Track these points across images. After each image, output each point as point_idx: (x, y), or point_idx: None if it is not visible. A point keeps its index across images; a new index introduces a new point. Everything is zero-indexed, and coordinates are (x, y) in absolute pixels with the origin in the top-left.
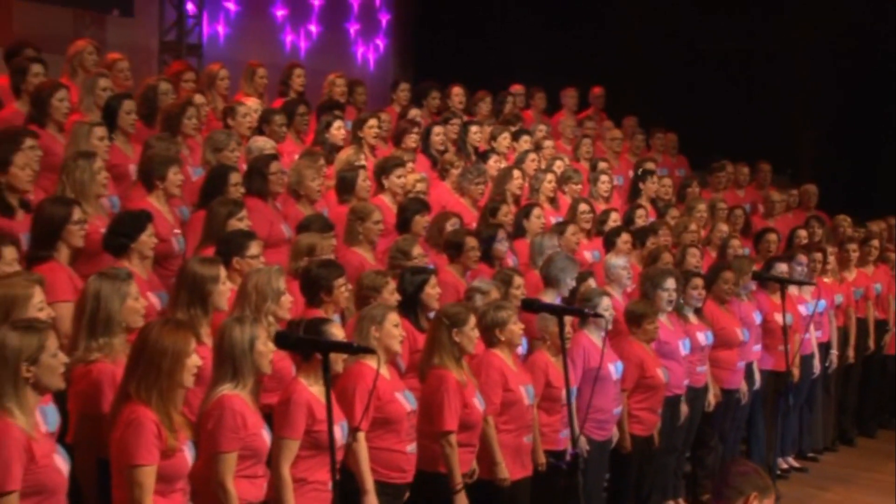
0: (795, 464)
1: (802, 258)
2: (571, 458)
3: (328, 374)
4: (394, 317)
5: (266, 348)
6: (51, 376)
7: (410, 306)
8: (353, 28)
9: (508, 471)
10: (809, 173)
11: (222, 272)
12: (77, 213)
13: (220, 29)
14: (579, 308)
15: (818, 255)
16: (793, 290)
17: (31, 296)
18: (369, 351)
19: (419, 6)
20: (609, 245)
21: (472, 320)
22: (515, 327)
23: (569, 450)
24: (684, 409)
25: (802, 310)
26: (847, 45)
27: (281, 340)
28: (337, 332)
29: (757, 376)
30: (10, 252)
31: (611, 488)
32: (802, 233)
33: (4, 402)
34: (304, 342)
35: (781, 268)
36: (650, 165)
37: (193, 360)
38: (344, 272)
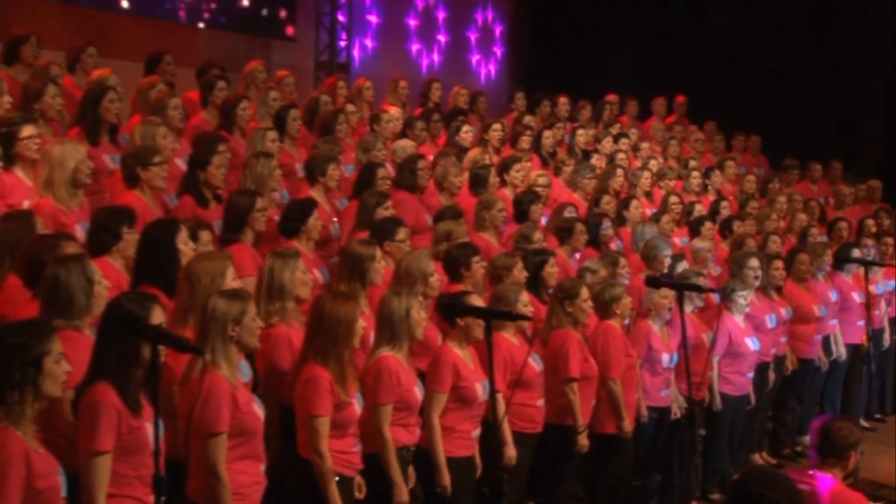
0: (865, 424)
1: (870, 243)
2: (687, 413)
3: (490, 336)
4: (525, 296)
5: (419, 317)
6: (250, 337)
7: (533, 283)
8: (474, 57)
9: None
10: (874, 171)
11: (378, 252)
12: (259, 203)
13: (363, 51)
14: (697, 284)
15: (889, 241)
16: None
17: (227, 269)
18: (525, 317)
19: (529, 29)
20: (694, 232)
21: (584, 293)
22: (626, 301)
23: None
24: (772, 375)
25: (873, 289)
26: None
27: (445, 309)
28: (478, 303)
29: (842, 349)
30: (205, 235)
31: (705, 441)
32: (871, 222)
33: (215, 357)
34: (471, 310)
35: (855, 252)
36: (730, 164)
37: (360, 325)
38: (479, 251)
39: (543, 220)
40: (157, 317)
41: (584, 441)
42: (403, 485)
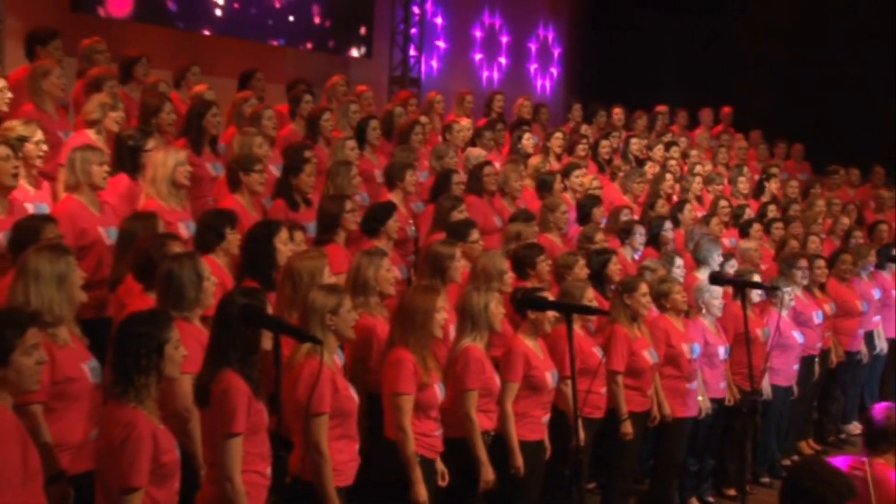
0: None
1: None
2: (751, 403)
3: (571, 330)
4: (590, 292)
5: (497, 311)
6: (346, 327)
7: (597, 280)
8: (532, 71)
9: (671, 410)
10: None
11: (457, 251)
12: (349, 206)
13: (432, 67)
14: (761, 282)
15: None
16: None
17: (325, 266)
18: (605, 313)
19: (584, 44)
20: (743, 233)
21: (643, 288)
22: (679, 297)
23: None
24: (817, 367)
25: None
26: None
27: (533, 303)
28: (549, 297)
29: (884, 343)
30: (299, 235)
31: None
32: None
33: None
34: (552, 305)
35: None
36: (774, 170)
37: (441, 315)
38: (544, 251)
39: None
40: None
41: (627, 429)
42: (489, 465)
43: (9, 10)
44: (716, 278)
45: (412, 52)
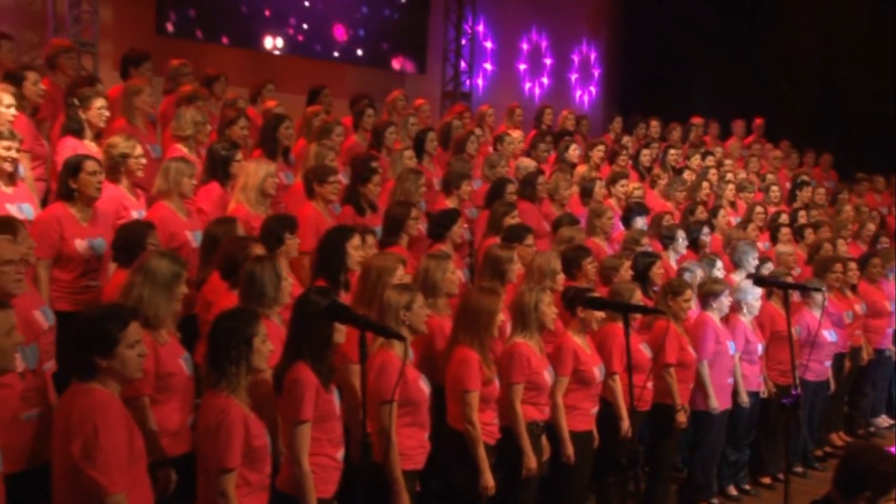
0: None
1: None
2: (794, 398)
3: (628, 328)
4: (639, 293)
5: (549, 309)
6: (419, 322)
7: (641, 281)
8: (574, 85)
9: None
10: None
11: (515, 255)
12: (414, 213)
13: (481, 82)
14: (802, 283)
15: None
16: None
17: (397, 269)
18: (660, 312)
19: (622, 60)
20: (774, 238)
21: (688, 293)
22: (726, 300)
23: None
24: (847, 363)
25: None
26: None
27: (590, 303)
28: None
29: None
30: (370, 239)
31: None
32: None
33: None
34: (609, 305)
35: None
36: (805, 178)
37: (500, 316)
38: (590, 254)
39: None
40: None
41: (682, 418)
42: (532, 453)
43: (102, 36)
44: (760, 280)
45: (463, 67)
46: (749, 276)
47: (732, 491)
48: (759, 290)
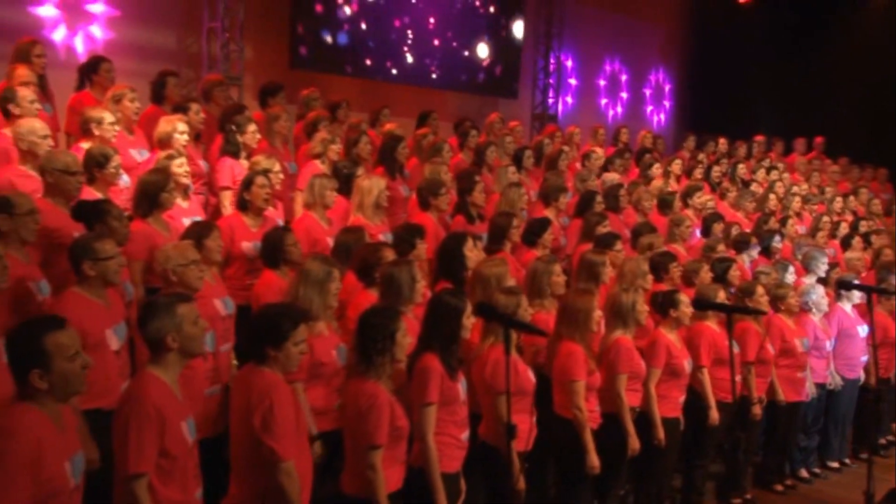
0: None
1: None
2: (877, 392)
3: (731, 326)
4: (722, 293)
5: (643, 308)
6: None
7: (719, 284)
8: (648, 107)
9: (784, 395)
10: None
11: (607, 259)
12: (516, 222)
13: (566, 105)
14: (878, 287)
15: None
16: None
17: (507, 272)
18: (762, 312)
19: (693, 84)
20: (845, 245)
21: (760, 290)
22: (793, 301)
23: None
24: None
25: None
26: None
27: (697, 304)
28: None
29: None
30: (480, 244)
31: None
32: None
33: (498, 337)
34: (715, 306)
35: None
36: (863, 191)
37: (598, 314)
38: (676, 259)
39: None
40: None
41: (757, 410)
42: (636, 435)
43: (246, 70)
44: (843, 283)
45: (550, 93)
46: (839, 282)
47: (804, 473)
48: (821, 289)
